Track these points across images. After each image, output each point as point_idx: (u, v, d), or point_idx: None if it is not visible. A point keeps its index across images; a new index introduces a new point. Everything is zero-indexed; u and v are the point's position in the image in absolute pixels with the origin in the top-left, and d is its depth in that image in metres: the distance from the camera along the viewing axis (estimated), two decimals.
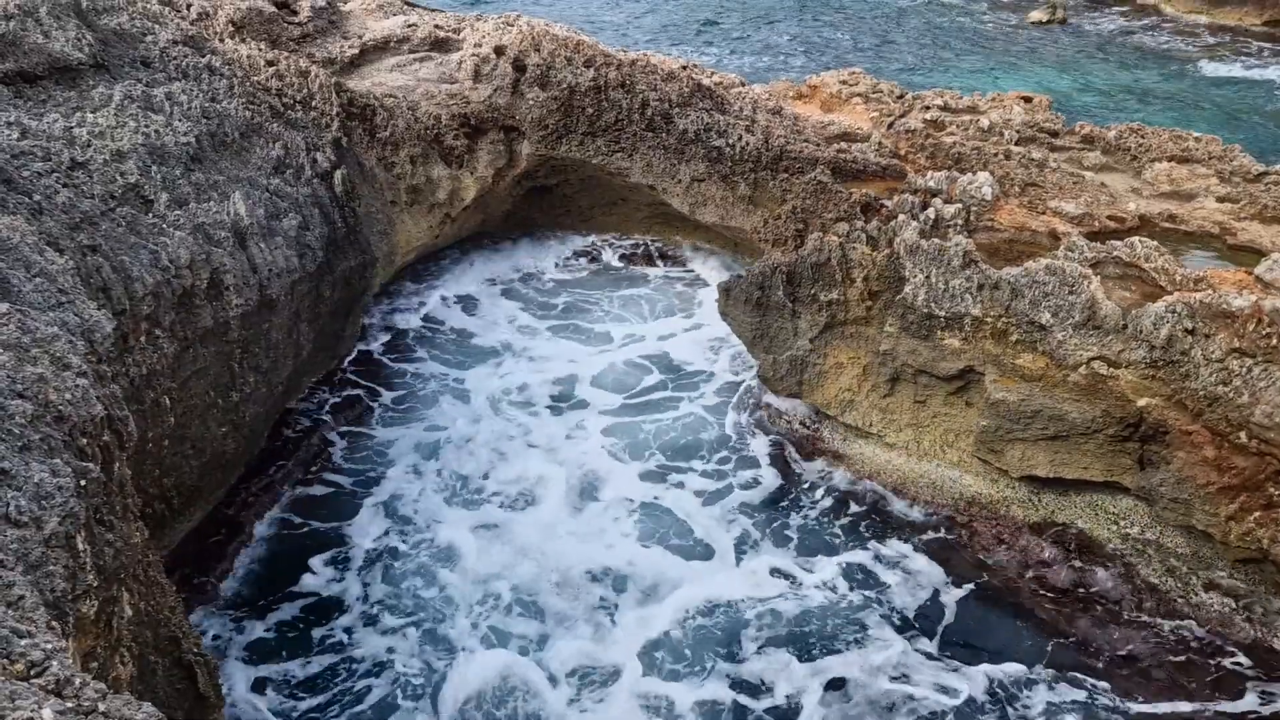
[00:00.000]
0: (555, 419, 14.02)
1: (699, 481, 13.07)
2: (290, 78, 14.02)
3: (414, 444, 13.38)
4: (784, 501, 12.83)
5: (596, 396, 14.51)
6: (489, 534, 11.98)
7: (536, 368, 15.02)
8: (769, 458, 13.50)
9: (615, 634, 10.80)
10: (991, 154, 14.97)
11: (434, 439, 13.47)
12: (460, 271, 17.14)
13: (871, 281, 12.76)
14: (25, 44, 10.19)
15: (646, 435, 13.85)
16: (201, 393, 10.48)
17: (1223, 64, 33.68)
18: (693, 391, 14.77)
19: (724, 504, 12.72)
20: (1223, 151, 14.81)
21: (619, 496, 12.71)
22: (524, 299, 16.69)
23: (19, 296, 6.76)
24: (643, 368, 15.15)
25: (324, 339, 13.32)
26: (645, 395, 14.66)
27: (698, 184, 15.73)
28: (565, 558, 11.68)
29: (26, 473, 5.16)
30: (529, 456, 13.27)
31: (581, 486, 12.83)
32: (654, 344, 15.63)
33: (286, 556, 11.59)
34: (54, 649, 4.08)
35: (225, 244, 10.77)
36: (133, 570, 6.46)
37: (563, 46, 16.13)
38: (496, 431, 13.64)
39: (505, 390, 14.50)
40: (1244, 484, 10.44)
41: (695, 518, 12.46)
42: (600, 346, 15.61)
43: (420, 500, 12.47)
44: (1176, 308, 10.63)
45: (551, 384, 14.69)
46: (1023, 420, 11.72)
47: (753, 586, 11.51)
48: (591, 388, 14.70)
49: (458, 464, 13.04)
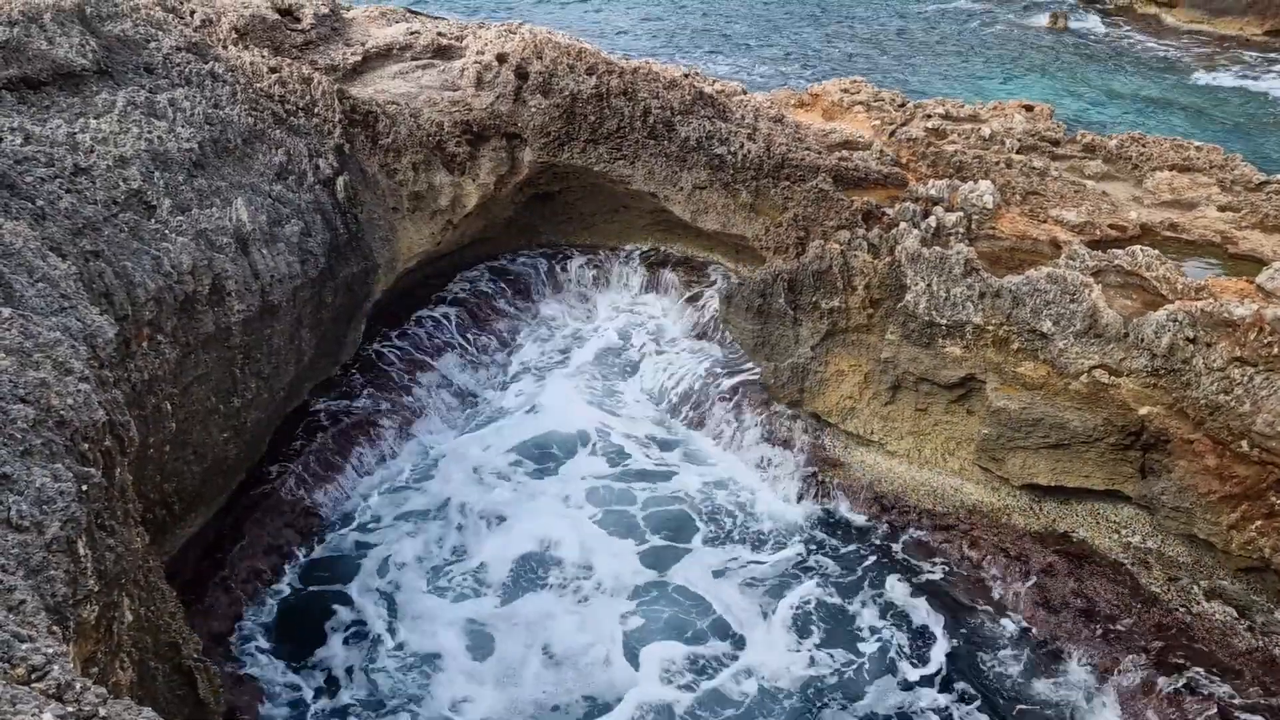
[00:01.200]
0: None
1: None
2: (293, 84, 14.05)
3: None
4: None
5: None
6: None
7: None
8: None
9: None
10: (993, 162, 14.98)
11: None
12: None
13: (873, 289, 12.77)
14: (29, 50, 10.22)
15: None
16: (203, 398, 10.49)
17: (1224, 73, 33.75)
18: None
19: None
20: (1224, 160, 14.82)
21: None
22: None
23: (22, 302, 6.77)
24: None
25: (326, 344, 13.32)
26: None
27: (699, 191, 15.75)
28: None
29: (28, 477, 5.16)
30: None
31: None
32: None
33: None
34: (55, 654, 4.08)
35: (227, 250, 10.78)
36: (133, 575, 6.45)
37: (565, 54, 16.16)
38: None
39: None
40: (1245, 493, 10.42)
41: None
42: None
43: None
44: (1178, 316, 10.63)
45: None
46: (1024, 428, 11.72)
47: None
48: None
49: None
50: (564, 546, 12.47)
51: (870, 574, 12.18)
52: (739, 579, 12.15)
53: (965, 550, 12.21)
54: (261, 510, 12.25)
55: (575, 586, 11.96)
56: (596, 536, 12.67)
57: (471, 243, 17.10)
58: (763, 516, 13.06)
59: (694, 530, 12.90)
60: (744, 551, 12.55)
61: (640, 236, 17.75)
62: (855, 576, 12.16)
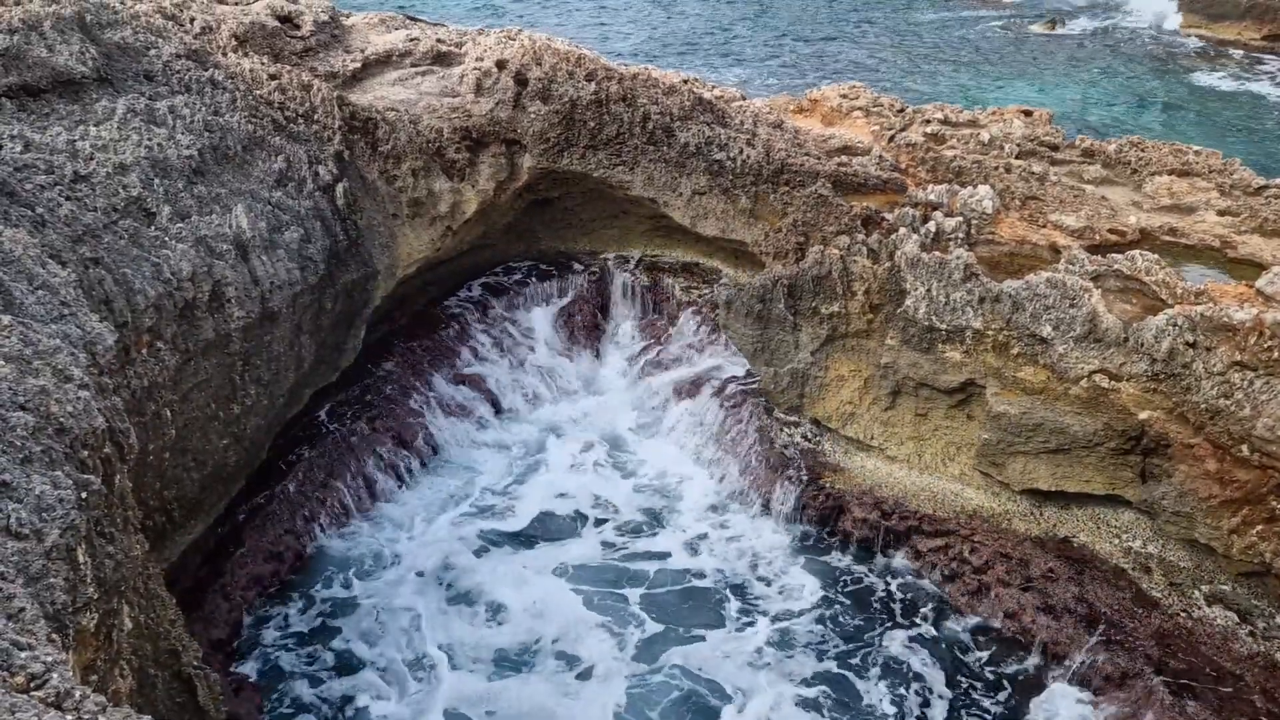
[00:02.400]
0: None
1: None
2: (293, 91, 14.06)
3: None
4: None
5: None
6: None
7: None
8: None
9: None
10: (992, 167, 14.99)
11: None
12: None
13: (872, 294, 12.77)
14: (29, 58, 10.23)
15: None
16: (203, 405, 10.48)
17: (1222, 78, 33.81)
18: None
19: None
20: (1223, 165, 14.83)
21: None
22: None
23: (21, 309, 6.76)
24: None
25: (325, 351, 13.32)
26: None
27: (699, 197, 15.76)
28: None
29: (28, 485, 5.16)
30: None
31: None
32: None
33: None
34: (54, 661, 4.07)
35: (227, 256, 10.79)
36: (133, 583, 6.44)
37: (564, 60, 16.18)
38: None
39: None
40: (1246, 497, 10.41)
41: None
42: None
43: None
44: (1178, 321, 10.62)
45: None
46: (1024, 433, 11.71)
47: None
48: None
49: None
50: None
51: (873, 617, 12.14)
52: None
53: (966, 555, 12.19)
54: (261, 517, 12.25)
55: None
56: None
57: (470, 249, 17.10)
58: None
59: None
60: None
61: (640, 242, 17.75)
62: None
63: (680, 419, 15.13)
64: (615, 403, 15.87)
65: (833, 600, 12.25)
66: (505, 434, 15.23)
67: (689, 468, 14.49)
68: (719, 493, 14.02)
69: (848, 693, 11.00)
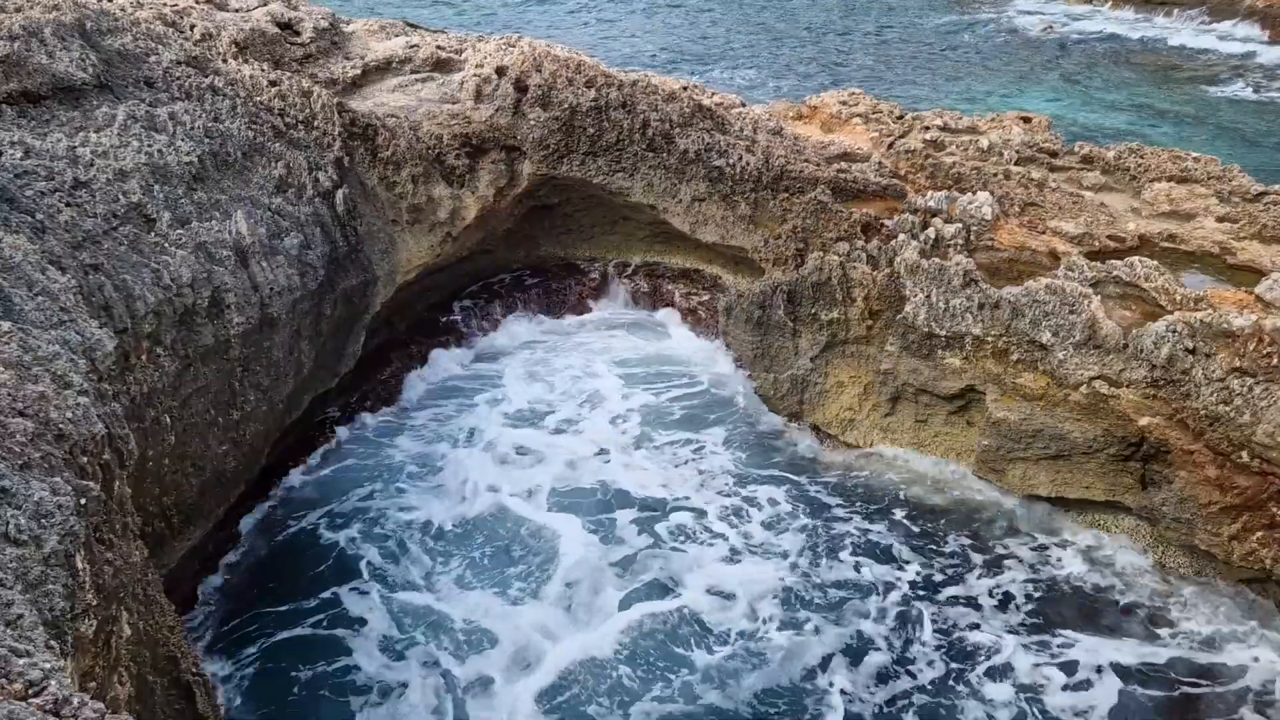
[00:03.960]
0: None
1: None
2: (293, 98, 14.08)
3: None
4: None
5: None
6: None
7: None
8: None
9: None
10: (991, 174, 15.02)
11: None
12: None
13: (872, 301, 12.78)
14: (30, 64, 10.25)
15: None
16: (202, 411, 10.47)
17: (1224, 82, 33.87)
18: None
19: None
20: (1221, 171, 14.85)
21: None
22: None
23: (21, 315, 6.77)
24: None
25: (325, 357, 13.32)
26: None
27: (698, 203, 15.77)
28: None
29: (27, 491, 5.15)
30: None
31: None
32: None
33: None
34: (52, 668, 4.07)
35: (227, 262, 10.79)
36: (132, 589, 6.44)
37: (564, 67, 16.22)
38: None
39: None
40: (1246, 503, 10.41)
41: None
42: None
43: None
44: (1177, 327, 10.64)
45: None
46: (1024, 439, 11.71)
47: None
48: None
49: None
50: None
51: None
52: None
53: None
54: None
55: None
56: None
57: (470, 255, 17.12)
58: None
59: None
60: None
61: (640, 249, 17.77)
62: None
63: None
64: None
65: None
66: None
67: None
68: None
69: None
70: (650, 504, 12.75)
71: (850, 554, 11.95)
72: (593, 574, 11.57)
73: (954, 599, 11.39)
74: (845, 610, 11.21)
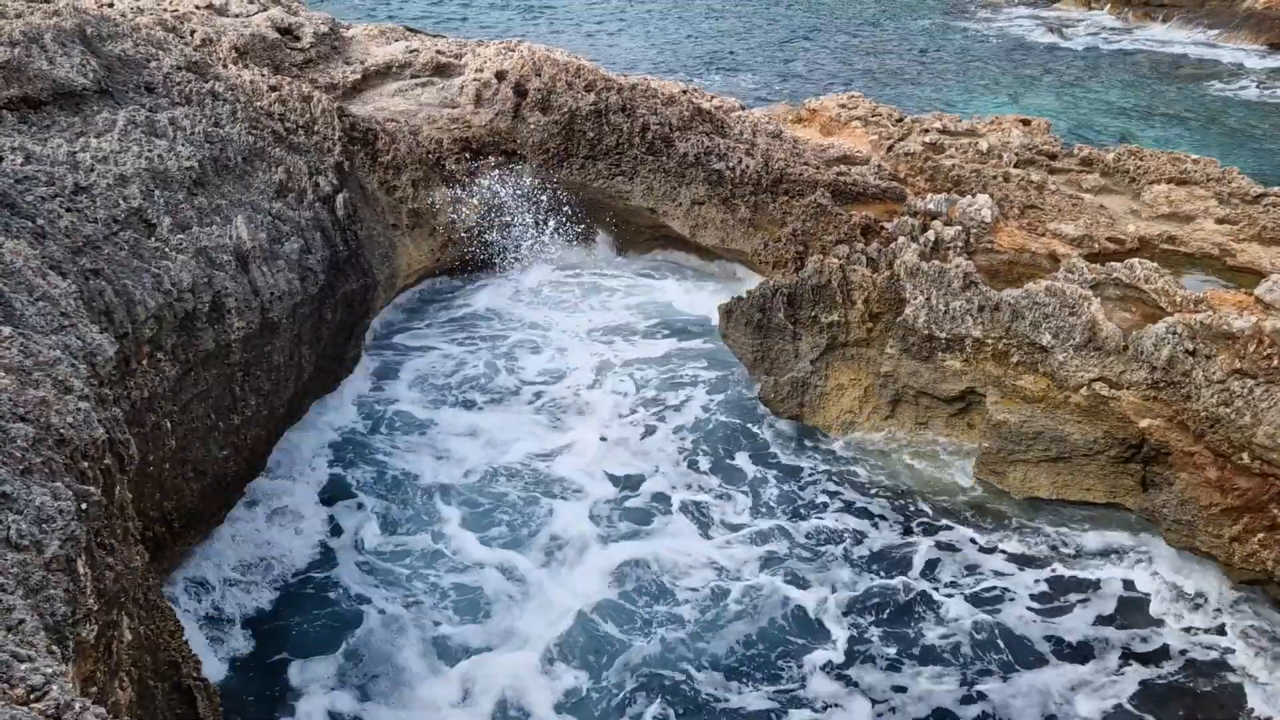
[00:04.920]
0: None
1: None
2: (293, 103, 14.11)
3: None
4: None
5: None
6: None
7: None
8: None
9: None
10: (990, 176, 15.04)
11: None
12: None
13: (872, 303, 12.79)
14: (30, 70, 10.27)
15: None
16: (203, 415, 10.48)
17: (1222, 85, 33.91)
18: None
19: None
20: (1221, 173, 14.87)
21: None
22: None
23: (21, 320, 6.77)
24: None
25: (325, 361, 13.32)
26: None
27: (698, 207, 15.80)
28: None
29: (28, 496, 5.16)
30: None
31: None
32: None
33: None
34: (54, 673, 4.07)
35: (227, 267, 10.80)
36: (133, 594, 6.44)
37: (563, 71, 16.25)
38: None
39: None
40: (1247, 505, 10.41)
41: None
42: None
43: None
44: (1177, 329, 10.64)
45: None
46: (1025, 441, 11.71)
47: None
48: None
49: None
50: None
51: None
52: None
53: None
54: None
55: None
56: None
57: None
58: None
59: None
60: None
61: (639, 251, 17.79)
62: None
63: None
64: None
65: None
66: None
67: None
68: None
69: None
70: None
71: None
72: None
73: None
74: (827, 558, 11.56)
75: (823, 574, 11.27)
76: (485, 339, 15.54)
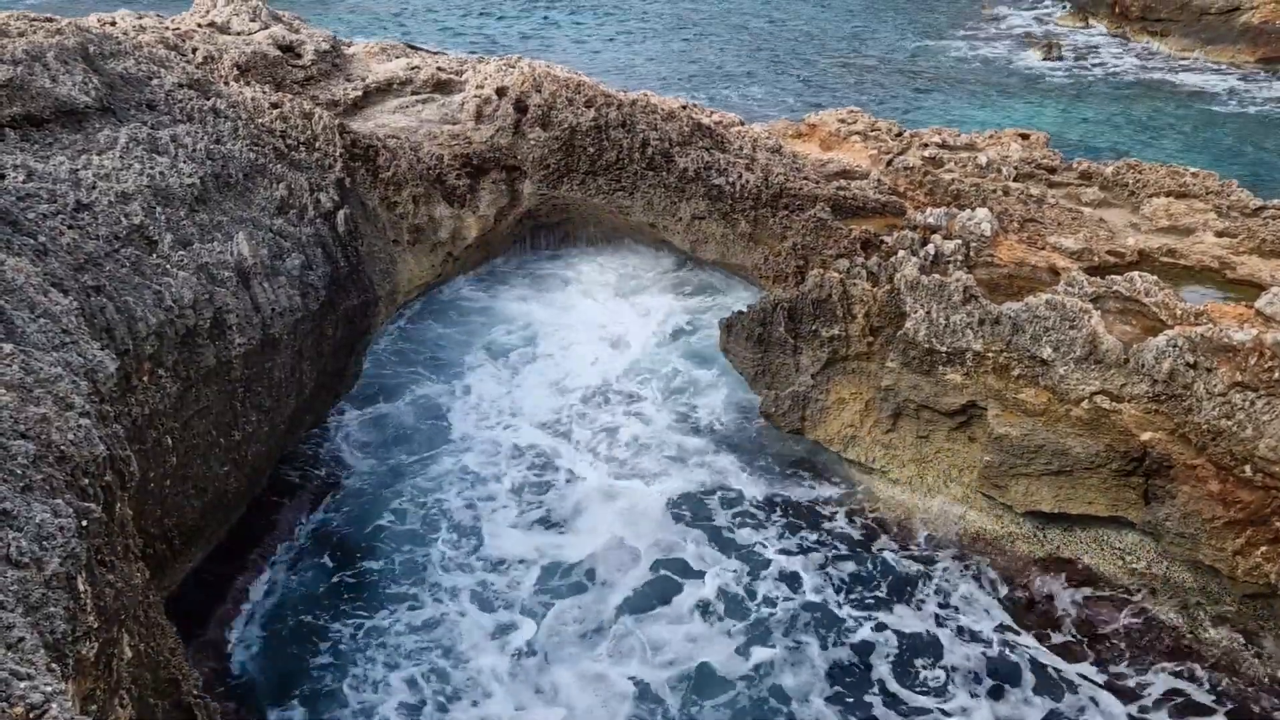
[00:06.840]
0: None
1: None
2: (294, 120, 14.16)
3: None
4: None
5: None
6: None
7: None
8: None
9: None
10: (990, 190, 15.07)
11: None
12: None
13: (873, 317, 12.79)
14: (32, 88, 10.32)
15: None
16: (204, 432, 10.47)
17: (1220, 99, 34.01)
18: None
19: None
20: (1220, 186, 14.90)
21: None
22: None
23: (23, 337, 6.78)
24: None
25: (326, 377, 13.33)
26: None
27: (698, 221, 15.83)
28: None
29: (28, 513, 5.15)
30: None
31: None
32: None
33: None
34: (54, 691, 4.05)
35: (229, 284, 10.82)
36: (133, 612, 6.42)
37: (564, 87, 16.31)
38: None
39: None
40: (1250, 518, 10.38)
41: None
42: None
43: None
44: (1177, 342, 10.64)
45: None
46: (1026, 455, 11.69)
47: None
48: None
49: None
50: None
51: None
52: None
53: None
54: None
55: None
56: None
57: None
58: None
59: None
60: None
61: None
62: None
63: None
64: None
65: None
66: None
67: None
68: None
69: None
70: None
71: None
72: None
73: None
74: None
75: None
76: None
